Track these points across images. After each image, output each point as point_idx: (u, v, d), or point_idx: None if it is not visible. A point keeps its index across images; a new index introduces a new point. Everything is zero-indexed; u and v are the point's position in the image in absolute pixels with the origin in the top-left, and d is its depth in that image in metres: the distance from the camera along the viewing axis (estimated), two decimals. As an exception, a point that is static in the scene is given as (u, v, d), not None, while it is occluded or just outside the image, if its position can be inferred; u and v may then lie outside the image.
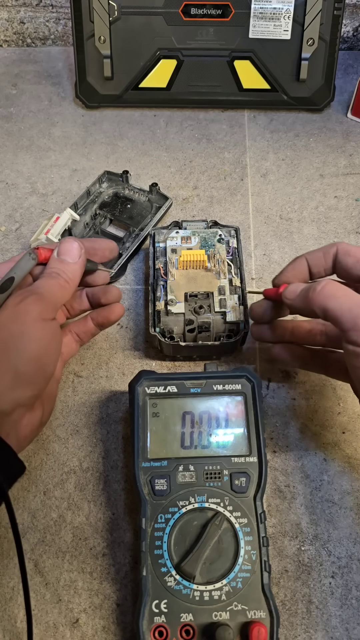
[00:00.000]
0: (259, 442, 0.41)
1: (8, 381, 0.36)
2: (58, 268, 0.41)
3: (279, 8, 0.67)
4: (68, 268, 0.41)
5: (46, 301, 0.39)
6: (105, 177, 0.64)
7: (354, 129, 0.72)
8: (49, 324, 0.39)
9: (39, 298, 0.39)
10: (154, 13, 0.68)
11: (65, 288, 0.41)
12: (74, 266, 0.42)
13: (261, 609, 0.37)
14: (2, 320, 0.38)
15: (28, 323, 0.37)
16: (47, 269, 0.41)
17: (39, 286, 0.40)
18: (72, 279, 0.41)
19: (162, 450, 0.41)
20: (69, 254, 0.42)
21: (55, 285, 0.40)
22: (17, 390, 0.37)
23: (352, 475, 0.45)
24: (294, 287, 0.41)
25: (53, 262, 0.42)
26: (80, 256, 0.42)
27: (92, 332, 0.47)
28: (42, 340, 0.38)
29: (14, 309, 0.38)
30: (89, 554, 0.42)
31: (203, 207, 0.63)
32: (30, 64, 0.81)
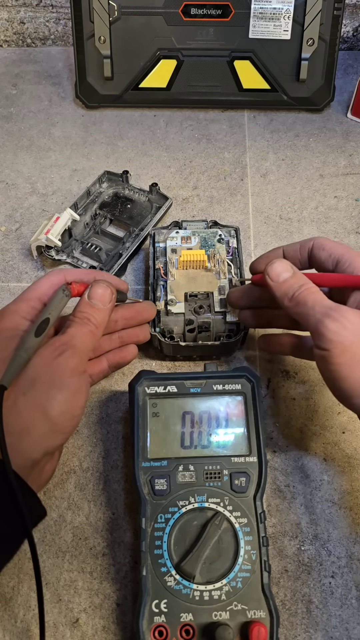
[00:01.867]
0: (258, 442, 0.41)
1: (44, 432, 0.37)
2: (88, 313, 0.41)
3: (279, 8, 0.67)
4: (98, 314, 0.41)
5: (80, 354, 0.39)
6: (105, 177, 0.64)
7: (353, 129, 0.72)
8: (82, 377, 0.40)
9: (75, 351, 0.39)
10: (154, 13, 0.68)
11: (95, 334, 0.41)
12: (104, 312, 0.42)
13: (261, 609, 0.37)
14: (40, 373, 0.38)
15: (65, 378, 0.38)
16: (77, 312, 0.41)
17: (72, 336, 0.40)
18: (101, 324, 0.42)
19: (162, 450, 0.41)
20: (100, 299, 0.42)
21: (87, 334, 0.40)
22: (50, 439, 0.38)
23: (352, 475, 0.45)
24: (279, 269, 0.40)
25: (83, 305, 0.42)
26: (110, 301, 0.42)
27: (105, 373, 0.48)
28: (76, 393, 0.39)
29: (51, 363, 0.38)
30: (89, 554, 0.42)
31: (203, 207, 0.63)
32: (30, 64, 0.81)
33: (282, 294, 0.40)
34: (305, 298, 0.38)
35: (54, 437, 0.38)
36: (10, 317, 0.41)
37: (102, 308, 0.42)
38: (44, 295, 0.43)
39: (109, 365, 0.47)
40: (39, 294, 0.43)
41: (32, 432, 0.37)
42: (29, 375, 0.38)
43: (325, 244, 0.42)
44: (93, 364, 0.47)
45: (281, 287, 0.40)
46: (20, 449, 0.36)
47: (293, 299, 0.39)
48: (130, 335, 0.48)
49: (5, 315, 0.42)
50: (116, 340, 0.48)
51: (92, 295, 0.42)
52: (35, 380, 0.38)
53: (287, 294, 0.39)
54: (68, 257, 0.57)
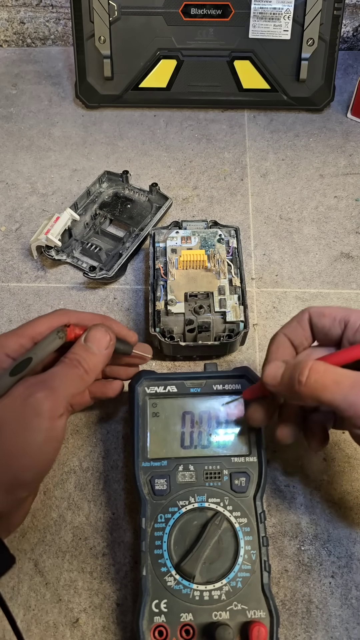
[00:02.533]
0: (258, 442, 0.41)
1: (6, 486, 0.34)
2: (80, 355, 0.38)
3: (279, 8, 0.67)
4: (92, 359, 0.38)
5: (58, 397, 0.35)
6: (105, 177, 0.64)
7: (353, 129, 0.72)
8: (57, 423, 0.35)
9: (51, 394, 0.35)
10: (154, 13, 0.68)
11: (84, 379, 0.37)
12: (98, 357, 0.38)
13: (261, 609, 0.37)
14: (6, 417, 0.34)
15: (35, 423, 0.34)
16: (68, 354, 0.38)
17: (52, 377, 0.36)
18: (93, 369, 0.38)
19: (162, 450, 0.41)
20: (97, 343, 0.38)
21: (73, 376, 0.37)
22: (14, 494, 0.35)
23: (352, 475, 0.45)
24: (273, 371, 0.37)
25: (77, 347, 0.38)
26: (107, 348, 0.39)
27: (86, 403, 0.44)
28: (47, 443, 0.35)
29: (21, 404, 0.34)
30: (89, 554, 0.42)
31: (203, 207, 0.63)
32: (30, 64, 0.81)
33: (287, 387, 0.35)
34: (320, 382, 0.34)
35: (19, 490, 0.35)
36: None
37: (97, 353, 0.38)
38: (38, 335, 0.39)
39: (91, 397, 0.44)
40: (33, 332, 0.39)
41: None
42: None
43: (323, 311, 0.39)
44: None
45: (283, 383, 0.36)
46: None
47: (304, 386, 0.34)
48: (120, 372, 0.45)
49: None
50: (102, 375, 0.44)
51: (88, 338, 0.38)
52: (1, 426, 0.34)
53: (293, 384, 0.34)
54: (68, 257, 0.57)
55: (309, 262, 0.58)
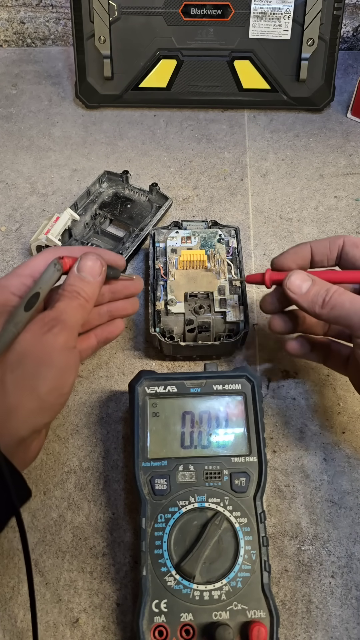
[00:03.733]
0: (258, 442, 0.41)
1: (32, 408, 0.36)
2: (78, 286, 0.40)
3: (278, 8, 0.67)
4: (88, 287, 0.40)
5: (70, 328, 0.39)
6: (105, 177, 0.64)
7: (353, 129, 0.72)
8: (72, 353, 0.39)
9: (64, 327, 0.38)
10: (154, 13, 0.68)
11: (85, 307, 0.40)
12: (94, 284, 0.41)
13: (261, 609, 0.37)
14: (28, 349, 0.37)
15: (54, 354, 0.37)
16: (66, 286, 0.40)
17: (62, 311, 0.39)
18: (91, 297, 0.41)
19: (162, 450, 0.41)
20: (90, 271, 0.41)
21: (77, 308, 0.40)
22: (38, 417, 0.37)
23: (352, 475, 0.45)
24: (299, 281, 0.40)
25: (73, 278, 0.41)
26: (100, 274, 0.41)
27: (93, 348, 0.47)
28: (66, 370, 0.38)
29: (40, 339, 0.37)
30: (89, 554, 0.42)
31: (203, 207, 0.63)
32: (30, 64, 0.81)
33: (311, 303, 0.39)
34: (340, 300, 0.39)
35: (42, 415, 0.37)
36: (0, 292, 0.40)
37: (92, 281, 0.41)
38: (36, 272, 0.41)
39: (97, 340, 0.46)
40: (31, 270, 0.41)
41: (20, 410, 0.36)
42: (17, 352, 0.37)
43: (357, 242, 0.42)
44: (81, 340, 0.46)
45: (307, 298, 0.40)
46: (7, 427, 0.35)
47: (326, 305, 0.39)
48: (119, 309, 0.47)
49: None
50: (105, 315, 0.46)
51: (81, 267, 0.41)
52: (24, 357, 0.37)
53: (317, 302, 0.39)
54: (68, 257, 0.57)
55: (309, 262, 0.58)
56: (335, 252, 0.43)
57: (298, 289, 0.40)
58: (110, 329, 0.47)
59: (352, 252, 0.42)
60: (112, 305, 0.47)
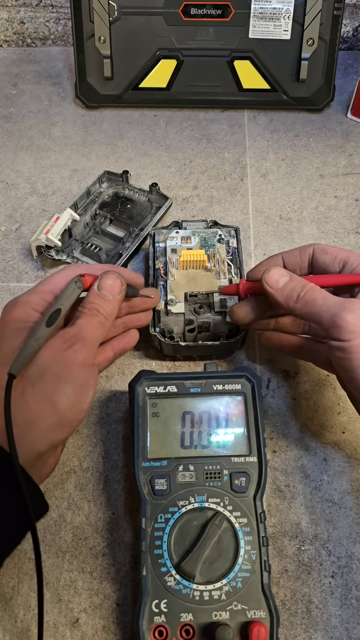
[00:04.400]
0: (258, 442, 0.41)
1: (51, 423, 0.37)
2: (97, 304, 0.41)
3: (278, 8, 0.67)
4: (107, 305, 0.41)
5: (90, 345, 0.39)
6: (105, 177, 0.64)
7: (353, 129, 0.72)
8: (91, 370, 0.39)
9: (84, 344, 0.39)
10: (154, 13, 0.68)
11: (104, 325, 0.41)
12: (113, 303, 0.42)
13: (261, 609, 0.37)
14: (49, 364, 0.38)
15: (74, 370, 0.38)
16: (86, 304, 0.41)
17: (82, 329, 0.40)
18: (111, 315, 0.41)
19: (162, 450, 0.41)
20: (110, 290, 0.42)
21: (97, 326, 0.40)
22: (57, 432, 0.37)
23: (352, 475, 0.45)
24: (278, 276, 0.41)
25: (93, 296, 0.41)
26: (120, 292, 0.42)
27: (110, 360, 0.47)
28: (85, 386, 0.38)
29: (61, 355, 0.38)
30: (89, 554, 0.42)
31: (203, 207, 0.63)
32: (30, 64, 0.81)
33: (286, 298, 0.40)
34: (312, 296, 0.39)
35: (61, 430, 0.38)
36: (22, 308, 0.41)
37: (112, 299, 0.41)
38: (57, 289, 0.42)
39: (114, 352, 0.47)
40: (52, 287, 0.42)
41: (39, 425, 0.36)
42: (38, 367, 0.38)
43: (327, 248, 0.43)
44: (98, 352, 0.46)
45: (283, 292, 0.40)
46: (26, 441, 0.36)
47: (299, 300, 0.40)
48: (133, 320, 0.48)
49: (17, 306, 0.41)
50: (119, 327, 0.47)
51: (101, 286, 0.42)
52: (45, 372, 0.37)
53: (292, 297, 0.40)
54: (68, 257, 0.57)
55: (309, 262, 0.58)
56: (306, 260, 0.44)
57: (275, 283, 0.41)
58: (125, 340, 0.48)
59: (322, 258, 0.43)
60: (126, 317, 0.47)
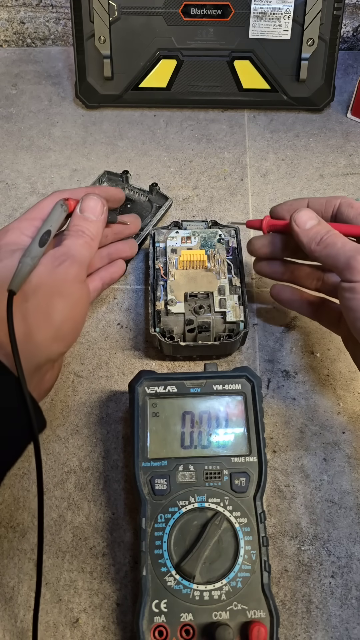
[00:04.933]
0: (258, 442, 0.41)
1: (49, 337, 0.39)
2: (82, 225, 0.43)
3: (278, 8, 0.67)
4: (92, 225, 0.43)
5: (79, 263, 0.41)
6: (105, 177, 0.64)
7: (353, 129, 0.72)
8: (83, 286, 0.42)
9: (74, 261, 0.41)
10: (154, 13, 0.68)
11: (91, 245, 0.43)
12: (97, 223, 0.44)
13: (261, 609, 0.37)
14: (42, 281, 0.40)
15: (66, 285, 0.40)
16: (71, 226, 0.43)
17: (70, 247, 0.42)
18: (96, 235, 0.43)
19: (162, 450, 0.41)
20: (92, 211, 0.44)
21: (83, 245, 0.42)
22: (53, 345, 0.39)
23: (352, 475, 0.45)
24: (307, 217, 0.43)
25: (77, 219, 0.43)
26: (102, 213, 0.44)
27: (98, 290, 0.50)
28: (78, 301, 0.41)
29: (53, 272, 0.40)
30: (89, 554, 0.42)
31: (203, 207, 0.63)
32: (30, 64, 0.81)
33: (309, 239, 0.42)
34: (333, 240, 0.41)
35: (57, 343, 0.39)
36: (13, 233, 0.43)
37: (95, 220, 0.43)
38: (45, 215, 0.44)
39: (102, 282, 0.49)
40: (40, 214, 0.44)
41: (36, 337, 0.38)
42: (31, 284, 0.39)
43: (353, 203, 0.45)
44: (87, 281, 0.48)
45: (308, 233, 0.43)
46: (24, 353, 0.36)
47: (321, 242, 0.42)
48: (119, 251, 0.51)
49: (9, 232, 0.43)
50: (105, 257, 0.50)
51: (83, 208, 0.44)
52: (38, 288, 0.39)
53: (315, 239, 0.42)
54: (68, 257, 0.57)
55: (309, 262, 0.58)
56: (330, 210, 0.46)
57: (303, 224, 0.43)
58: (112, 269, 0.50)
59: (347, 212, 0.45)
60: (111, 247, 0.50)
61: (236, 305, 0.49)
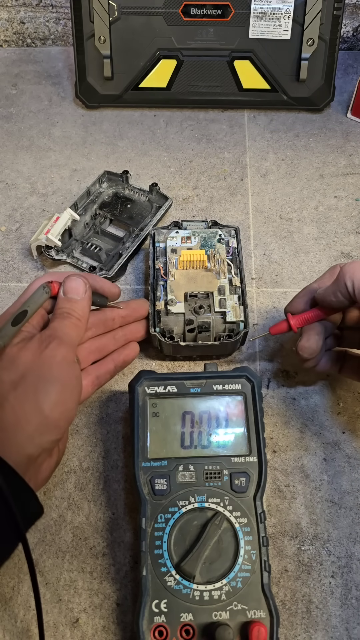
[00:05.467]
0: (258, 442, 0.41)
1: (37, 426, 0.37)
2: (67, 307, 0.42)
3: (278, 8, 0.67)
4: (77, 306, 0.43)
5: (67, 344, 0.40)
6: (105, 177, 0.64)
7: (353, 129, 0.72)
8: (73, 367, 0.40)
9: (61, 342, 0.40)
10: (154, 13, 0.68)
11: (78, 326, 0.42)
12: (81, 303, 0.43)
13: (261, 609, 0.37)
14: (29, 366, 0.38)
15: (55, 368, 0.39)
16: (57, 310, 0.43)
17: (56, 329, 0.41)
18: (83, 315, 0.43)
19: (162, 450, 0.41)
20: (74, 291, 0.43)
21: (70, 326, 0.41)
22: (44, 435, 0.37)
23: (352, 475, 0.45)
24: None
25: (61, 301, 0.43)
26: (85, 292, 0.43)
27: (111, 373, 0.49)
28: (68, 384, 0.39)
29: (39, 355, 0.39)
30: (89, 554, 0.42)
31: (203, 207, 0.63)
32: (30, 64, 0.81)
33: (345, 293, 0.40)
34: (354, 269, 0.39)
35: (48, 431, 0.37)
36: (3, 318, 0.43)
37: (78, 299, 0.43)
38: None
39: (114, 365, 0.48)
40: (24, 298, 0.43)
41: (25, 427, 0.36)
42: (18, 370, 0.38)
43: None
44: (99, 365, 0.48)
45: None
46: (13, 444, 0.36)
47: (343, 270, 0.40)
48: (133, 332, 0.50)
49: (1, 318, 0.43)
50: (121, 340, 0.49)
51: (66, 290, 0.43)
52: (25, 375, 0.38)
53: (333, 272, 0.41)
54: (68, 257, 0.57)
55: (309, 262, 0.58)
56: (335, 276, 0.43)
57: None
58: (126, 352, 0.49)
59: None
60: (126, 329, 0.50)
61: (236, 305, 0.49)
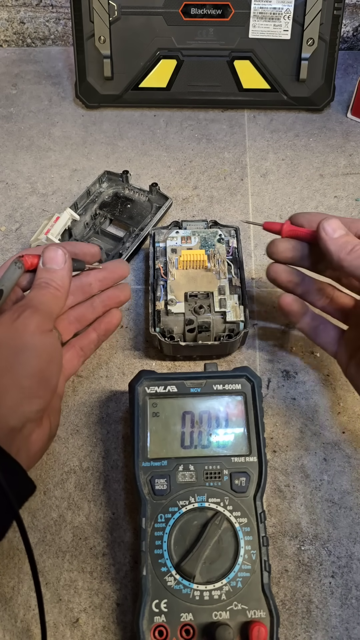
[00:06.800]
0: (258, 441, 0.41)
1: (15, 397, 0.37)
2: (46, 277, 0.41)
3: (279, 8, 0.67)
4: (56, 275, 0.42)
5: (42, 313, 0.39)
6: (105, 177, 0.64)
7: (353, 129, 0.72)
8: (48, 336, 0.39)
9: (35, 311, 0.39)
10: (154, 13, 0.68)
11: (58, 296, 0.41)
12: (61, 272, 0.42)
13: (261, 609, 0.37)
14: (4, 338, 0.38)
15: (27, 337, 0.38)
16: (35, 280, 0.42)
17: (31, 299, 0.40)
18: (63, 285, 0.42)
19: (162, 450, 0.41)
20: (53, 261, 0.42)
21: (48, 295, 0.41)
22: (24, 405, 0.37)
23: (352, 475, 0.45)
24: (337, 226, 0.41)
25: (40, 272, 0.42)
26: (65, 261, 0.42)
27: (94, 342, 0.48)
28: (43, 352, 0.39)
29: (11, 325, 0.38)
30: (89, 554, 0.42)
31: (203, 207, 0.63)
32: (30, 64, 0.81)
33: (338, 247, 0.41)
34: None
35: (29, 402, 0.37)
36: None
37: (58, 269, 0.42)
38: None
39: (97, 334, 0.48)
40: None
41: (4, 398, 0.36)
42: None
43: None
44: (82, 336, 0.47)
45: (337, 242, 0.41)
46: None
47: (352, 252, 0.40)
48: (112, 298, 0.48)
49: None
50: (99, 307, 0.48)
51: (45, 260, 0.42)
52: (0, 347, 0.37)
53: (344, 248, 0.41)
54: (68, 257, 0.57)
55: (309, 262, 0.58)
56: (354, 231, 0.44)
57: (332, 232, 0.41)
58: (107, 319, 0.48)
59: None
60: (103, 295, 0.48)
61: (236, 305, 0.49)
